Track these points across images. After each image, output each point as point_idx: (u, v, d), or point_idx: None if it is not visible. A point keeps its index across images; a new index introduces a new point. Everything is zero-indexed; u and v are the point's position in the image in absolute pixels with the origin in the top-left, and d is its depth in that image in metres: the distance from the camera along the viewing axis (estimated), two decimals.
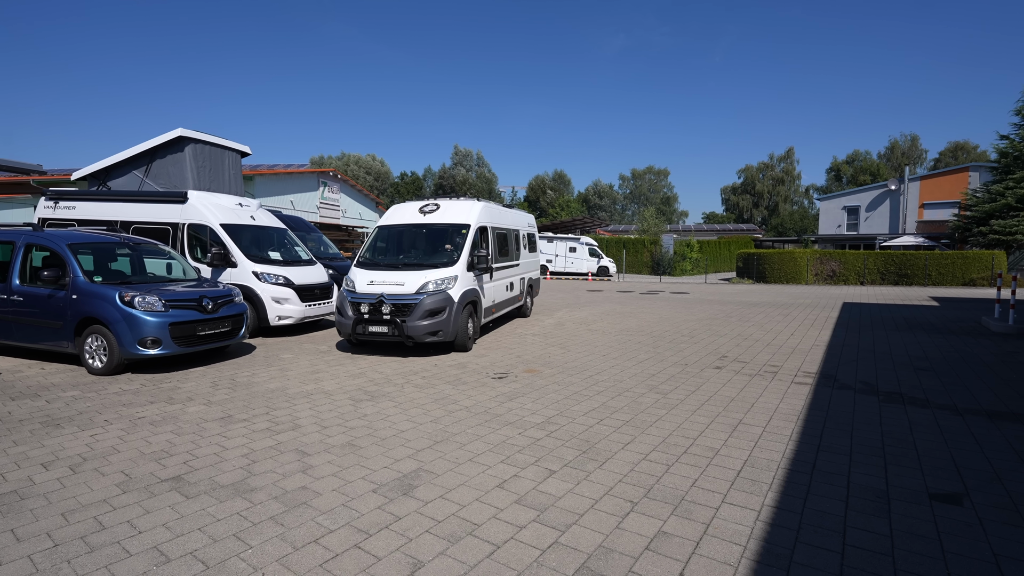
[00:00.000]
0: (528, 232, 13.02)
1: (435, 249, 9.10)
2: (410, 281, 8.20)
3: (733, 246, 41.79)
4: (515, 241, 11.64)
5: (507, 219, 11.29)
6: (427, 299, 8.03)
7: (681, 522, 3.21)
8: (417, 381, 6.69)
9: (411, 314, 7.97)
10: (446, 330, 8.10)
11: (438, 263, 8.63)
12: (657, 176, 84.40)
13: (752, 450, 4.38)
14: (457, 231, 9.15)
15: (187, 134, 10.54)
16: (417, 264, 8.74)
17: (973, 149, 63.79)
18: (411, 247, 9.41)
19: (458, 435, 4.72)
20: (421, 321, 7.93)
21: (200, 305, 7.34)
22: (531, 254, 13.12)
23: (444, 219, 9.40)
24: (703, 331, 10.92)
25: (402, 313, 8.01)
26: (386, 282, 8.24)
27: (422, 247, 9.30)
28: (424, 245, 9.31)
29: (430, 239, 9.32)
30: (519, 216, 12.59)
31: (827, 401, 5.83)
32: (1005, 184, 28.48)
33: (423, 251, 9.21)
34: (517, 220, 12.17)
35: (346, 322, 8.25)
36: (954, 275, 25.05)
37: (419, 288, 8.12)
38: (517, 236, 11.84)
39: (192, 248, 10.03)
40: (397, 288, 8.15)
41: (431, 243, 9.26)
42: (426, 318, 7.97)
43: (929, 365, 7.64)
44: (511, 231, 11.38)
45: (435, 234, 9.32)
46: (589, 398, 5.93)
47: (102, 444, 4.48)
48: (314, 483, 3.74)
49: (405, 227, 9.59)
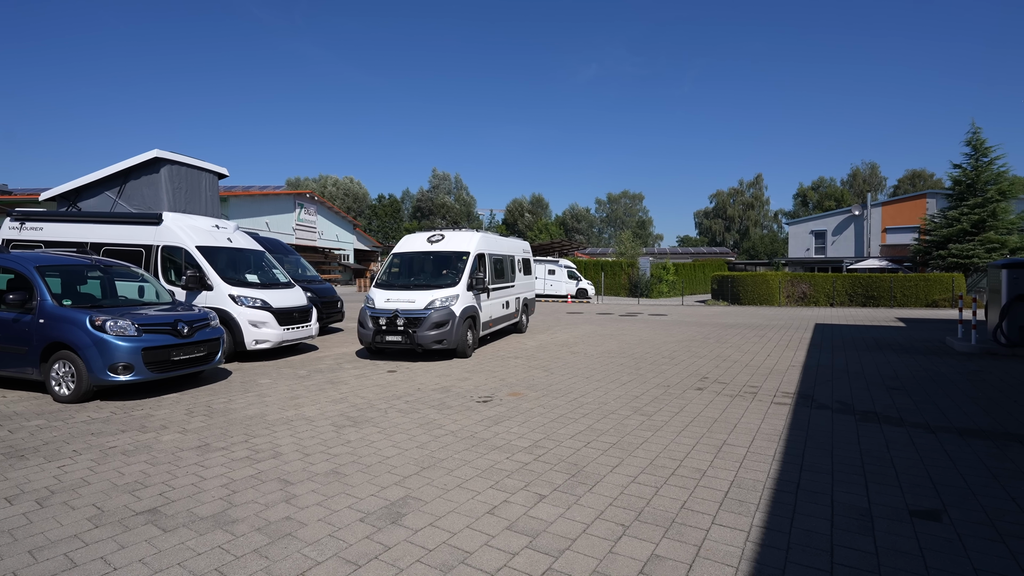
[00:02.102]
0: (523, 257, 14.64)
1: (440, 272, 10.67)
2: (420, 299, 9.76)
3: (707, 269, 42.73)
4: (510, 265, 13.18)
5: (503, 246, 12.91)
6: (434, 314, 9.55)
7: (673, 545, 3.21)
8: (400, 406, 6.60)
9: (420, 326, 9.48)
10: (449, 339, 9.59)
11: (443, 284, 10.20)
12: (632, 200, 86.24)
13: (738, 471, 4.43)
14: (459, 257, 10.72)
15: (163, 155, 10.38)
16: (425, 285, 10.29)
17: (929, 177, 67.11)
18: (420, 271, 11.02)
19: (445, 460, 4.66)
20: (429, 332, 9.46)
21: (175, 329, 7.14)
22: (526, 277, 14.73)
23: (448, 247, 11.01)
24: (683, 352, 11.07)
25: (413, 325, 9.54)
26: (400, 300, 9.82)
27: (429, 270, 10.90)
28: (431, 269, 10.91)
29: (436, 264, 10.92)
30: (514, 243, 14.23)
31: (806, 421, 5.95)
32: (960, 210, 30.01)
33: (430, 274, 10.80)
34: (513, 247, 13.79)
35: (367, 332, 9.82)
36: (917, 296, 26.02)
37: (427, 304, 9.67)
38: (512, 261, 13.40)
39: (166, 271, 9.80)
40: (409, 304, 9.71)
41: (437, 267, 10.84)
42: (433, 329, 9.48)
43: (900, 384, 7.89)
44: (507, 257, 12.95)
45: (440, 260, 10.91)
46: (575, 421, 5.93)
47: (71, 476, 4.27)
48: (298, 513, 3.63)
49: (415, 254, 11.25)
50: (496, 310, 11.91)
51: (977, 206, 29.14)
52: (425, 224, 75.00)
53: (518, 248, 14.30)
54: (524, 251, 14.91)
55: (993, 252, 28.50)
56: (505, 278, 12.71)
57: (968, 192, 30.02)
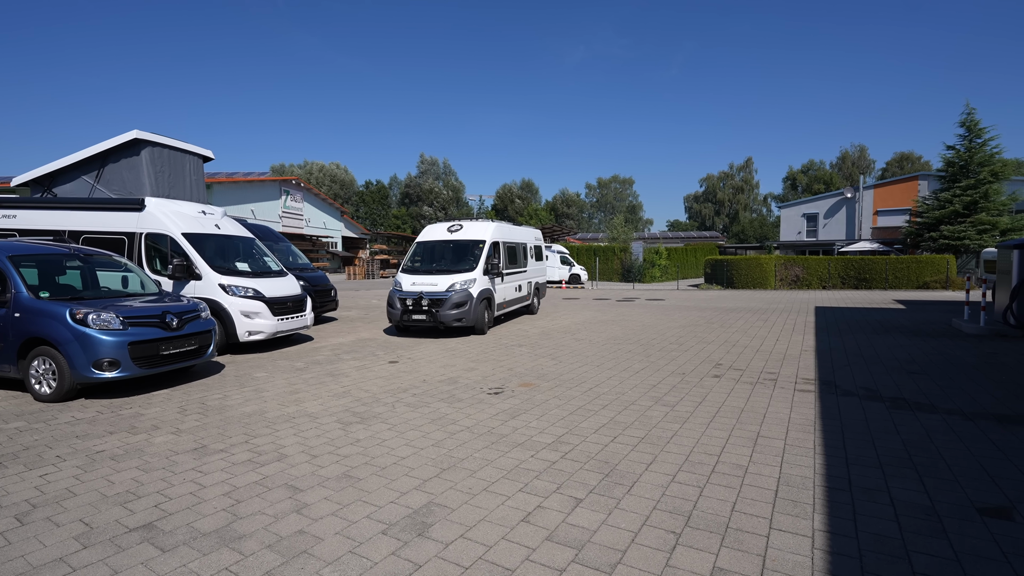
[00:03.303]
0: (535, 245, 15.89)
1: (459, 259, 11.72)
2: (441, 282, 10.86)
3: (699, 253, 42.67)
4: (523, 252, 14.40)
5: (516, 235, 14.09)
6: (454, 295, 10.67)
7: (735, 555, 2.91)
8: (408, 399, 6.23)
9: (442, 306, 10.59)
10: (468, 318, 10.74)
11: (462, 269, 11.28)
12: (622, 185, 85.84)
13: (781, 466, 4.14)
14: (476, 245, 11.78)
15: (144, 136, 9.77)
16: (446, 270, 11.37)
17: (918, 159, 67.57)
18: (442, 257, 12.06)
19: (465, 460, 4.31)
20: (450, 311, 10.58)
21: (163, 322, 6.67)
22: (538, 263, 15.95)
23: (466, 236, 12.08)
24: (689, 338, 10.82)
25: (436, 305, 10.63)
26: (424, 283, 10.92)
27: (450, 257, 11.94)
28: (451, 256, 11.95)
29: (456, 251, 11.98)
30: (527, 232, 15.53)
31: (836, 409, 5.69)
32: (952, 192, 30.06)
33: (451, 260, 11.83)
34: (525, 235, 15.05)
35: (395, 312, 10.95)
36: (909, 279, 26.10)
37: (448, 287, 10.77)
38: (525, 248, 14.63)
39: (151, 260, 9.27)
40: (432, 287, 10.79)
41: (456, 254, 11.91)
42: (453, 308, 10.61)
43: (920, 368, 7.69)
44: (520, 244, 14.15)
45: (460, 247, 11.98)
46: (595, 413, 5.62)
47: (55, 486, 3.86)
48: (312, 526, 3.27)
49: (437, 242, 12.32)
50: (510, 293, 13.04)
51: (970, 187, 29.20)
52: (413, 210, 74.04)
53: (530, 236, 15.57)
54: (536, 239, 16.15)
55: (984, 233, 28.66)
56: (518, 264, 13.87)
57: (961, 173, 30.07)
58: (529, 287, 14.69)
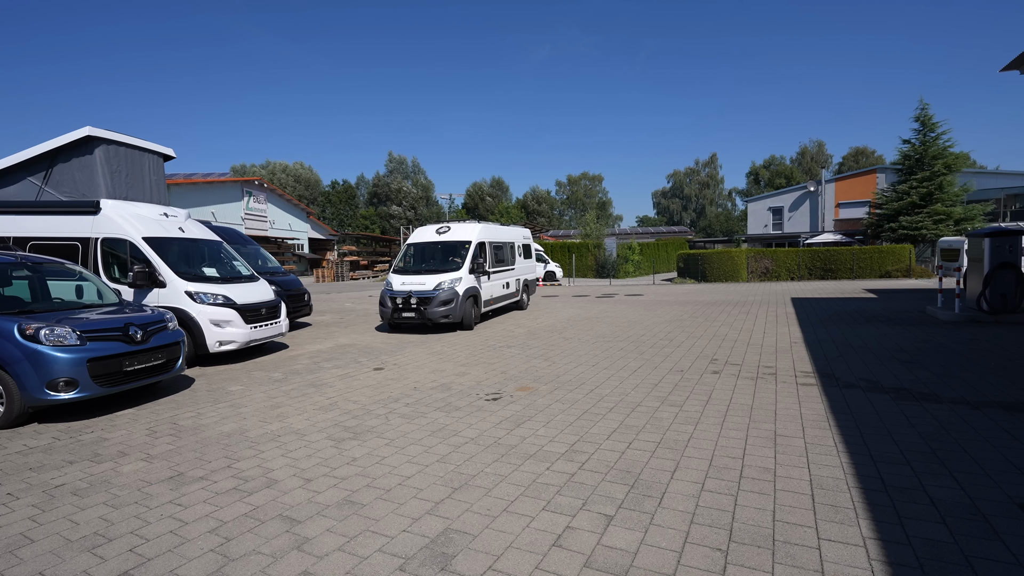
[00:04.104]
0: (523, 243, 16.42)
1: (447, 259, 12.31)
2: (429, 281, 11.38)
3: (670, 248, 43.18)
4: (510, 251, 14.91)
5: (503, 235, 14.60)
6: (441, 294, 11.19)
7: (792, 572, 2.68)
8: (402, 410, 5.84)
9: (430, 304, 11.13)
10: (454, 314, 11.23)
11: (449, 269, 11.81)
12: (592, 182, 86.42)
13: (808, 467, 3.96)
14: (462, 246, 12.36)
15: (97, 133, 9.01)
16: (434, 270, 11.89)
17: (871, 153, 70.22)
18: (431, 257, 12.63)
19: (477, 477, 3.98)
20: (437, 308, 11.10)
21: (126, 335, 6.08)
22: (526, 260, 16.50)
23: (453, 237, 12.66)
24: (678, 333, 10.72)
25: (424, 303, 11.17)
26: (413, 283, 11.45)
27: (438, 257, 12.51)
28: (440, 256, 12.52)
29: (443, 252, 12.54)
30: (515, 231, 16.09)
31: (844, 403, 5.60)
32: (910, 184, 31.18)
33: (439, 260, 12.41)
34: (513, 234, 15.58)
35: (387, 311, 11.53)
36: (872, 268, 26.93)
37: (435, 286, 11.28)
38: (512, 247, 15.15)
39: (108, 267, 8.55)
40: (420, 286, 11.33)
41: (444, 255, 12.48)
42: (440, 306, 11.13)
43: (911, 357, 7.74)
44: (506, 243, 14.66)
45: (447, 248, 12.56)
46: (603, 417, 5.36)
47: (7, 531, 3.34)
48: (318, 565, 2.88)
49: (426, 244, 12.93)
50: (497, 290, 13.56)
51: (925, 179, 30.36)
52: (382, 210, 72.71)
53: (519, 235, 16.16)
54: (525, 237, 16.75)
55: (940, 223, 29.86)
56: (505, 262, 14.41)
57: (917, 166, 31.23)
58: (517, 284, 15.27)
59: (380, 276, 45.53)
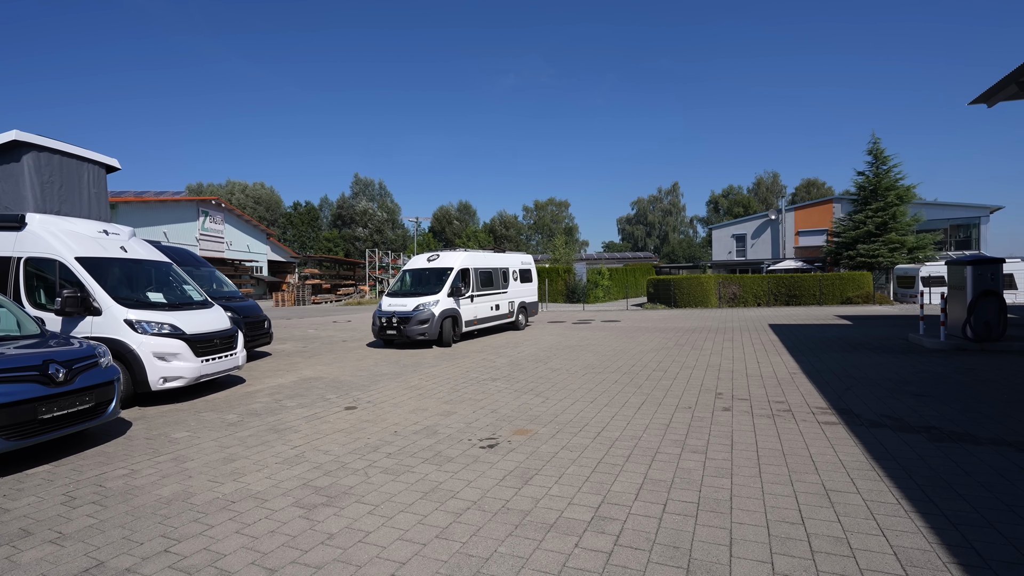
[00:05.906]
0: (521, 268, 17.62)
1: (430, 283, 13.76)
2: (410, 303, 12.96)
3: (638, 273, 43.43)
4: (502, 276, 16.24)
5: (493, 261, 15.95)
6: (419, 314, 12.70)
7: None
8: (383, 462, 4.96)
9: (408, 323, 12.63)
10: (430, 332, 12.66)
11: (429, 292, 13.34)
12: (559, 207, 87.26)
13: (884, 535, 3.35)
14: (445, 272, 13.82)
15: (25, 138, 7.88)
16: (418, 293, 13.46)
17: (822, 185, 73.71)
18: (420, 282, 14.13)
19: (492, 561, 3.17)
20: (414, 327, 12.59)
21: (44, 375, 5.01)
22: (523, 284, 17.66)
23: (439, 264, 14.18)
24: (670, 363, 10.18)
25: (404, 322, 12.68)
26: (397, 304, 13.07)
27: (424, 282, 13.98)
28: (426, 281, 13.98)
29: (431, 277, 14.01)
30: (511, 257, 17.42)
31: (880, 446, 5.08)
32: (865, 213, 32.46)
33: (424, 285, 13.87)
34: (508, 260, 16.93)
35: (375, 328, 13.16)
36: (834, 294, 27.54)
37: (415, 307, 12.81)
38: (506, 272, 16.49)
39: (32, 291, 7.37)
40: (402, 308, 12.92)
41: (431, 279, 13.91)
42: (417, 325, 12.60)
43: (919, 390, 7.39)
44: (497, 269, 16.03)
45: (434, 274, 14.02)
46: (622, 469, 4.64)
47: None
48: None
49: (417, 270, 14.54)
50: (483, 311, 14.96)
51: (880, 209, 31.68)
52: (347, 232, 70.99)
53: (515, 261, 17.46)
54: (523, 263, 18.00)
55: (895, 251, 31.09)
56: (495, 286, 15.72)
57: (871, 197, 32.60)
58: (511, 306, 16.62)
59: (344, 300, 43.87)
